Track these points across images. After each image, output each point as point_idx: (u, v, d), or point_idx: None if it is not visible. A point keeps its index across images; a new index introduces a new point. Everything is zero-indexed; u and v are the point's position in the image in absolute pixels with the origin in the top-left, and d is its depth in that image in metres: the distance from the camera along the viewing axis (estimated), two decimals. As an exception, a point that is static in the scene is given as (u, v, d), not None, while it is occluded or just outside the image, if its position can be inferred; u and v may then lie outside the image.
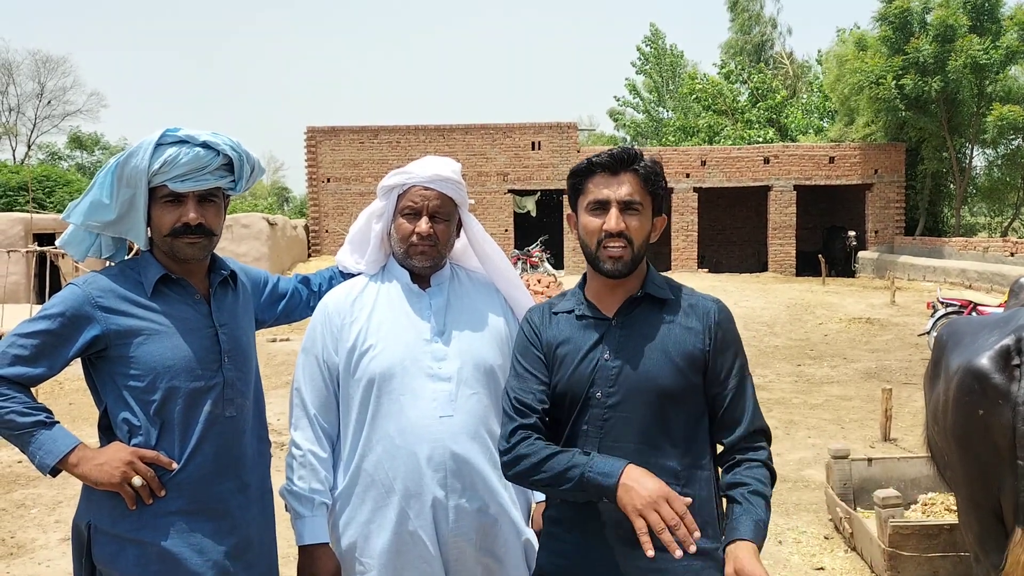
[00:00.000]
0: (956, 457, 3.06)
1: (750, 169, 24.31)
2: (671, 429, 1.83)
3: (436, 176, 2.22)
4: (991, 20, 21.83)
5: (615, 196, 1.85)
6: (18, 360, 1.96)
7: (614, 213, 1.84)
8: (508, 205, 24.78)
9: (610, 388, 1.84)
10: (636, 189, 1.86)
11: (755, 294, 17.51)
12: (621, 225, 1.84)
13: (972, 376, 2.90)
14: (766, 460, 1.86)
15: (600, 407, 1.85)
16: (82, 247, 2.19)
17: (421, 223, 2.21)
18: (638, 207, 1.86)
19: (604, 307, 1.93)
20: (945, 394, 3.08)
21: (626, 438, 1.83)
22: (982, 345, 2.94)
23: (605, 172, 1.87)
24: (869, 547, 4.17)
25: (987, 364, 2.86)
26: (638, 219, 1.86)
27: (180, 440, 2.04)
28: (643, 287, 1.91)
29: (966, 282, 17.94)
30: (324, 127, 25.07)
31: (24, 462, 6.36)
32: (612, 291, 1.92)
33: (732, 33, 38.01)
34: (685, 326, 1.87)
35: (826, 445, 5.49)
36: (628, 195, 1.85)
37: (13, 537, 5.01)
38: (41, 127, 42.92)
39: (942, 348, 3.24)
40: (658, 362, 1.83)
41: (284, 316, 2.47)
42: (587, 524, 1.85)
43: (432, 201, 2.22)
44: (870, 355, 11.07)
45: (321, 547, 2.16)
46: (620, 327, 1.89)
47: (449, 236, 2.28)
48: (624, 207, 1.85)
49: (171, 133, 2.06)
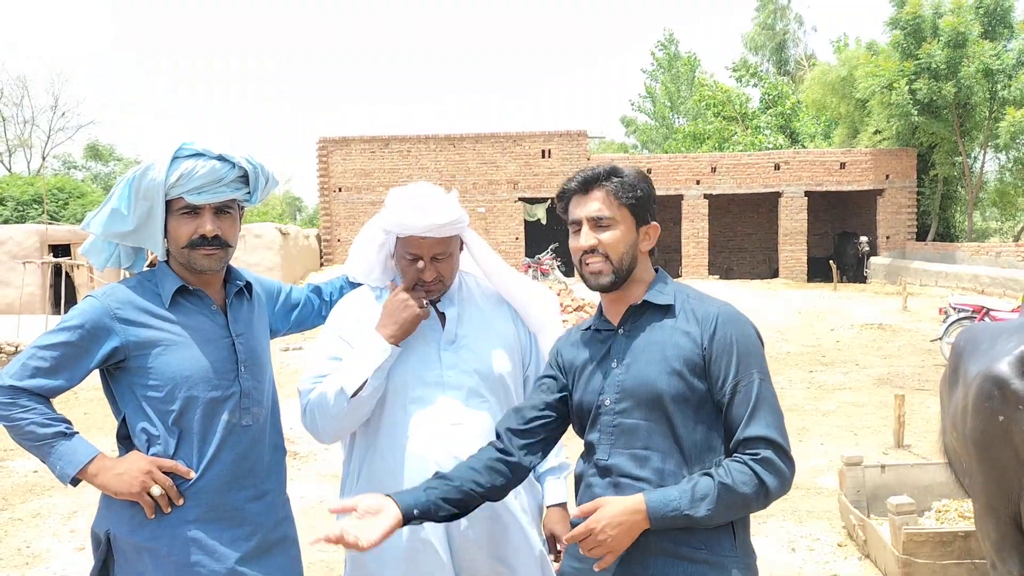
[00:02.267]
0: (975, 463, 3.05)
1: (761, 175, 24.27)
2: (678, 434, 1.84)
3: (432, 226, 2.16)
4: (1003, 25, 21.76)
5: (584, 214, 1.93)
6: (38, 372, 1.99)
7: (585, 230, 1.92)
8: (518, 213, 24.82)
9: (617, 394, 1.88)
10: (606, 204, 1.91)
11: (766, 300, 17.46)
12: (592, 241, 1.90)
13: (992, 382, 2.89)
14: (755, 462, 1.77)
15: (609, 414, 1.89)
16: (102, 256, 2.22)
17: (425, 274, 2.20)
18: (608, 221, 1.91)
19: (612, 318, 1.99)
20: (964, 400, 3.07)
21: (634, 443, 1.85)
22: (1001, 351, 2.93)
23: (575, 194, 1.95)
24: (883, 554, 4.15)
25: (1007, 370, 2.86)
26: (611, 233, 1.90)
27: (198, 449, 2.07)
28: (644, 296, 1.94)
29: (978, 287, 17.83)
30: (335, 137, 25.19)
31: (40, 472, 6.41)
32: (615, 302, 1.97)
33: (755, 26, 37.52)
34: (683, 331, 1.88)
35: (839, 452, 5.46)
36: (597, 212, 1.91)
37: (29, 547, 5.04)
38: (55, 139, 43.39)
39: (960, 354, 3.23)
40: (656, 367, 1.85)
41: (297, 325, 2.50)
42: None
43: (434, 249, 2.19)
44: (882, 361, 11.02)
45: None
46: (626, 335, 1.93)
47: (453, 267, 2.27)
48: (595, 223, 1.91)
49: (187, 146, 2.09)
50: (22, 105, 43.01)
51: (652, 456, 1.83)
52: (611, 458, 1.86)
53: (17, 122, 42.63)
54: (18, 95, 42.82)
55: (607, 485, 1.86)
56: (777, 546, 4.71)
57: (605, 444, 1.88)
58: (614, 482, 1.85)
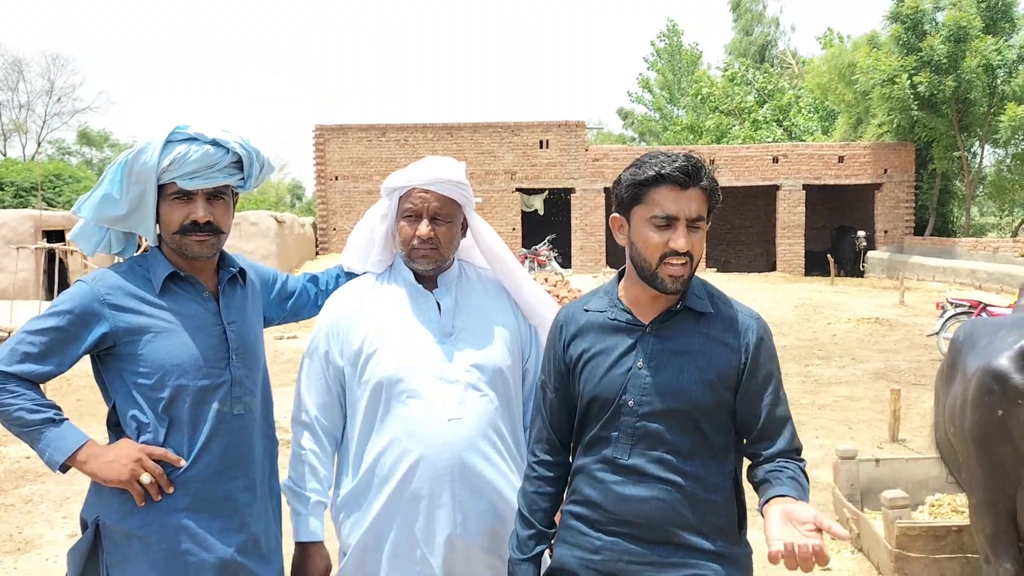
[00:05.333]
0: (973, 458, 3.04)
1: (759, 168, 24.24)
2: (703, 440, 1.82)
3: (436, 179, 2.18)
4: (1005, 19, 21.71)
5: (685, 213, 1.77)
6: (27, 357, 1.96)
7: (682, 231, 1.77)
8: (516, 204, 24.77)
9: (642, 397, 1.82)
10: (703, 206, 1.80)
11: (763, 294, 17.45)
12: (690, 243, 1.77)
13: (991, 376, 2.89)
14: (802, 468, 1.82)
15: (632, 415, 1.83)
16: (92, 241, 2.19)
17: (421, 227, 2.18)
18: (702, 224, 1.80)
19: (641, 313, 1.88)
20: (963, 395, 3.07)
21: (657, 446, 1.82)
22: (1001, 346, 2.94)
23: (674, 185, 1.78)
24: (876, 548, 4.15)
25: (1007, 364, 2.87)
26: (700, 236, 1.81)
27: (188, 438, 2.04)
28: (683, 299, 1.86)
29: (976, 283, 17.85)
30: (332, 125, 25.09)
31: (32, 458, 6.39)
32: (653, 300, 1.87)
33: (735, 34, 37.94)
34: (722, 342, 1.83)
35: (834, 446, 5.47)
36: (697, 212, 1.78)
37: (21, 532, 5.03)
38: (51, 124, 43.17)
39: (959, 349, 3.23)
40: (692, 377, 1.80)
41: (292, 315, 2.47)
42: (612, 522, 1.85)
43: (432, 203, 2.18)
44: (879, 355, 11.03)
45: (314, 545, 2.18)
46: (655, 335, 1.85)
47: (452, 238, 2.24)
48: (690, 224, 1.78)
49: (180, 130, 2.06)
50: (17, 90, 42.65)
51: (674, 459, 1.81)
52: (631, 458, 1.83)
53: (12, 107, 42.45)
54: (13, 79, 42.45)
55: (625, 482, 1.83)
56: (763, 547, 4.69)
57: (624, 444, 1.84)
58: (635, 480, 1.83)
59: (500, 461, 2.16)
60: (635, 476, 1.82)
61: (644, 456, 1.81)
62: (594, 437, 1.88)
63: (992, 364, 2.90)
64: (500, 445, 2.17)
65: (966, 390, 3.04)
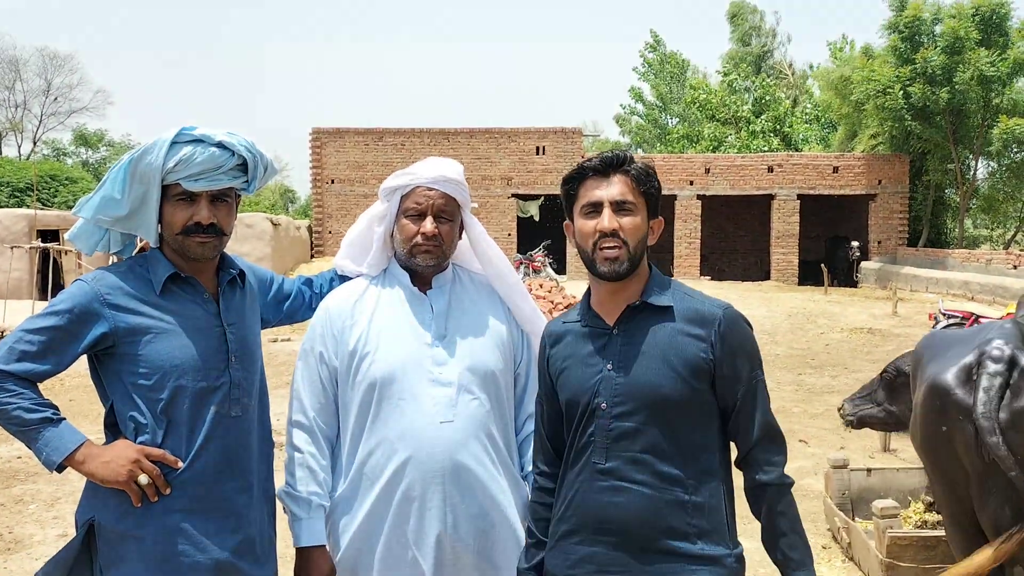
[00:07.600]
0: (929, 473, 3.02)
1: (754, 177, 24.31)
2: (677, 437, 1.84)
3: (440, 177, 2.22)
4: (999, 33, 21.85)
5: (607, 196, 1.87)
6: (25, 356, 1.96)
7: (607, 213, 1.85)
8: (511, 210, 24.80)
9: (614, 398, 1.85)
10: (628, 189, 1.88)
11: (757, 303, 17.50)
12: (615, 224, 1.84)
13: (935, 392, 2.83)
14: (781, 478, 1.87)
15: (605, 417, 1.85)
16: (91, 241, 2.19)
17: (426, 223, 2.20)
18: (631, 207, 1.87)
19: (606, 316, 1.93)
20: (916, 409, 3.02)
21: (631, 447, 1.83)
22: (949, 361, 2.87)
23: (596, 175, 1.89)
24: (867, 557, 4.17)
25: (951, 380, 2.80)
26: (631, 219, 1.87)
27: (186, 439, 2.05)
28: (642, 295, 1.90)
29: (968, 294, 17.93)
30: (329, 128, 25.09)
31: (23, 457, 6.37)
32: (613, 298, 1.92)
33: (732, 44, 38.06)
34: (687, 333, 1.86)
35: (825, 455, 5.48)
36: (620, 195, 1.87)
37: (11, 532, 5.01)
38: (47, 124, 43.02)
39: (918, 361, 3.17)
40: (659, 371, 1.83)
41: (287, 317, 2.48)
42: (592, 531, 1.86)
43: (436, 201, 2.21)
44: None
45: (317, 549, 2.17)
46: (622, 336, 1.89)
47: (453, 237, 2.27)
48: (617, 207, 1.86)
49: (187, 132, 2.06)
50: (14, 89, 42.51)
51: (650, 459, 1.83)
52: (608, 462, 1.84)
53: (9, 106, 42.31)
54: (10, 79, 42.31)
55: (605, 489, 1.85)
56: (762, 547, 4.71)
57: (600, 448, 1.86)
58: (613, 486, 1.84)
59: (491, 463, 2.17)
60: (613, 480, 1.84)
61: (620, 458, 1.83)
62: (576, 445, 1.91)
63: (937, 379, 2.83)
64: (491, 448, 2.18)
65: (917, 404, 3.00)
